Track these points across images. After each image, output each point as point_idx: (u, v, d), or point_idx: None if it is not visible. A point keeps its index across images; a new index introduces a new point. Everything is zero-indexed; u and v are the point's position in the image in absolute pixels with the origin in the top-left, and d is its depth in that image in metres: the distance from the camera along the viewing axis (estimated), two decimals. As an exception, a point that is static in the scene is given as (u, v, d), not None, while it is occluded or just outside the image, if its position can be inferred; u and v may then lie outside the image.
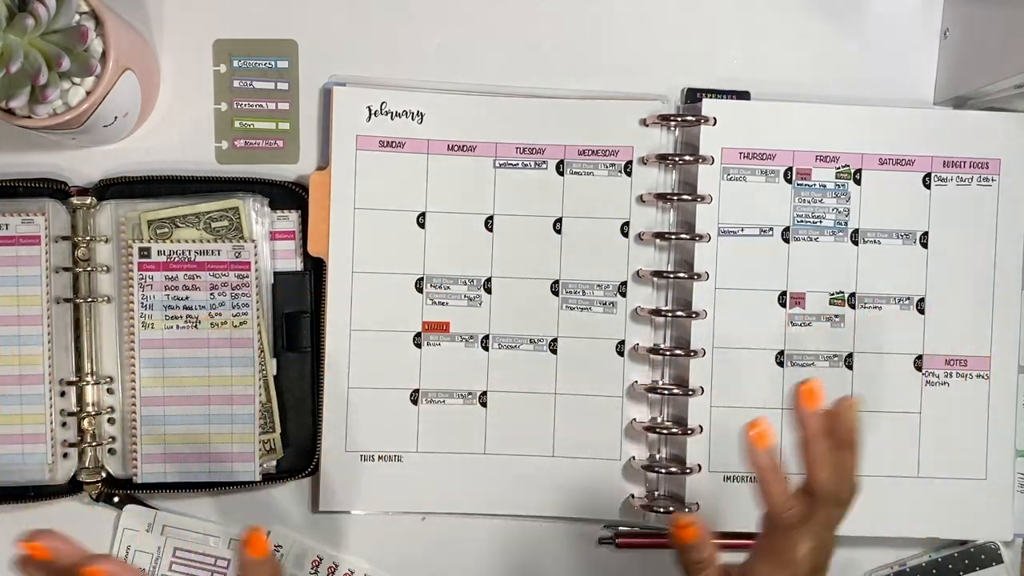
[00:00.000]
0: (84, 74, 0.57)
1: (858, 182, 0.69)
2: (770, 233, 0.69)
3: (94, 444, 0.67)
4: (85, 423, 0.67)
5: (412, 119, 0.69)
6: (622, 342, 0.70)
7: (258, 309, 0.67)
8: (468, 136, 0.69)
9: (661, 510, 0.69)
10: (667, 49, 0.71)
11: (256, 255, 0.67)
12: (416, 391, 0.69)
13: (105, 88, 0.58)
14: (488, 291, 0.70)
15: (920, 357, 0.70)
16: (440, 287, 0.69)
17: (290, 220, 0.69)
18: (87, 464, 0.67)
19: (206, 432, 0.68)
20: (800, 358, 0.69)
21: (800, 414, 0.53)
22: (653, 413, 0.70)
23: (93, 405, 0.68)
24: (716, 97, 0.69)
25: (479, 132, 0.69)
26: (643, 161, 0.69)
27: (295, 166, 0.70)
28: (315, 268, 0.69)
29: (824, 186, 0.69)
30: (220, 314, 0.67)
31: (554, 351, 0.70)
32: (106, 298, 0.67)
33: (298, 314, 0.69)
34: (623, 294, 0.70)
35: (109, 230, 0.67)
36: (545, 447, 0.70)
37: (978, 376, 0.70)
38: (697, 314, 0.68)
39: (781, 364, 0.69)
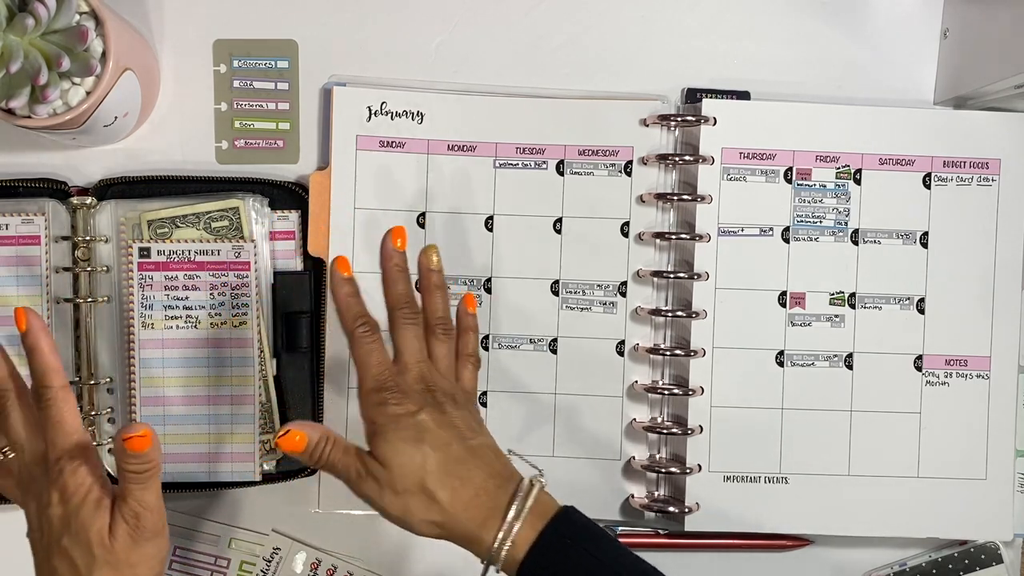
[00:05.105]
0: (84, 74, 0.57)
1: (858, 182, 0.69)
2: (770, 233, 0.69)
3: (94, 444, 0.67)
4: (85, 423, 0.67)
5: (412, 119, 0.69)
6: (622, 342, 0.70)
7: (258, 309, 0.67)
8: (468, 136, 0.69)
9: (661, 510, 0.69)
10: (667, 49, 0.71)
11: (256, 255, 0.67)
12: (416, 391, 0.69)
13: (105, 88, 0.58)
14: (488, 291, 0.70)
15: (920, 357, 0.70)
16: (440, 287, 0.69)
17: (290, 220, 0.69)
18: (87, 464, 0.67)
19: (206, 432, 0.68)
20: (800, 358, 0.69)
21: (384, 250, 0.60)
22: (653, 413, 0.70)
23: (93, 405, 0.67)
24: (716, 97, 0.69)
25: (479, 132, 0.69)
26: (643, 161, 0.69)
27: (295, 166, 0.70)
28: (315, 268, 0.69)
29: (824, 186, 0.69)
30: (220, 314, 0.67)
31: (554, 351, 0.70)
32: (106, 298, 0.67)
33: (298, 314, 0.69)
34: (623, 294, 0.70)
35: (109, 230, 0.67)
36: (545, 447, 0.70)
37: (978, 376, 0.70)
38: (697, 314, 0.68)
39: (781, 364, 0.69)
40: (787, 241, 0.69)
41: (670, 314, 0.69)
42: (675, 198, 0.69)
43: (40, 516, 0.54)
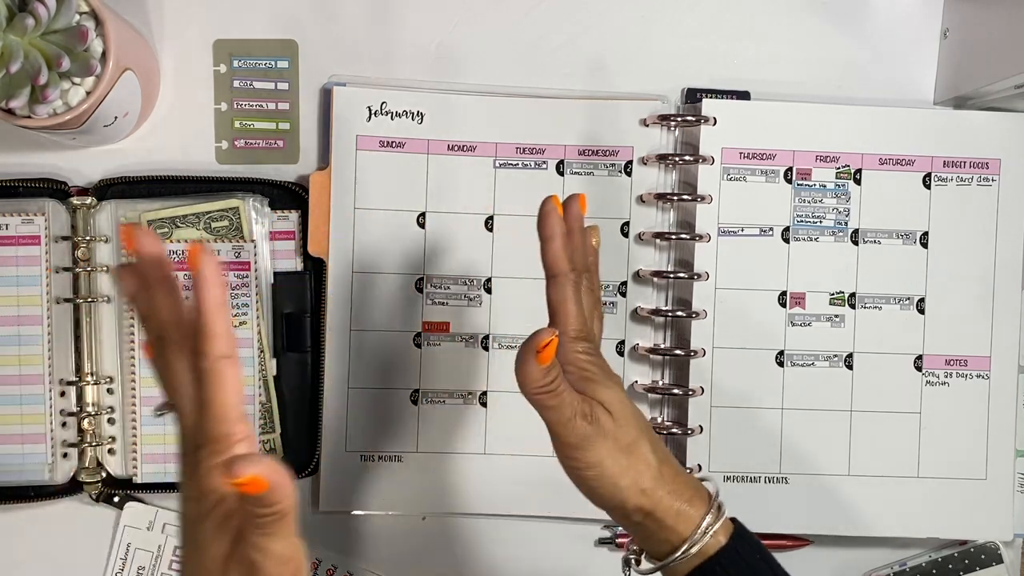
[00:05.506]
0: (84, 74, 0.57)
1: (858, 182, 0.69)
2: (770, 233, 0.69)
3: (94, 444, 0.67)
4: (85, 423, 0.67)
5: (412, 119, 0.69)
6: (622, 342, 0.70)
7: (258, 309, 0.67)
8: (468, 136, 0.69)
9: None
10: (667, 49, 0.71)
11: (256, 255, 0.67)
12: (416, 391, 0.69)
13: (105, 88, 0.58)
14: (488, 291, 0.70)
15: (920, 357, 0.70)
16: (440, 287, 0.69)
17: (290, 220, 0.69)
18: (87, 464, 0.67)
19: (206, 432, 0.68)
20: (800, 358, 0.69)
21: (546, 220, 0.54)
22: (653, 413, 0.70)
23: (93, 405, 0.68)
24: (716, 97, 0.69)
25: (479, 132, 0.69)
26: (643, 161, 0.69)
27: (295, 166, 0.70)
28: (315, 268, 0.69)
29: (824, 186, 0.69)
30: (220, 314, 0.67)
31: (554, 351, 0.70)
32: (106, 298, 0.67)
33: (298, 314, 0.69)
34: (623, 294, 0.70)
35: (109, 230, 0.67)
36: (545, 447, 0.69)
37: (978, 376, 0.70)
38: (697, 314, 0.68)
39: (781, 364, 0.69)
40: (787, 241, 0.69)
41: (670, 314, 0.69)
42: (675, 198, 0.69)
43: (180, 504, 0.44)
